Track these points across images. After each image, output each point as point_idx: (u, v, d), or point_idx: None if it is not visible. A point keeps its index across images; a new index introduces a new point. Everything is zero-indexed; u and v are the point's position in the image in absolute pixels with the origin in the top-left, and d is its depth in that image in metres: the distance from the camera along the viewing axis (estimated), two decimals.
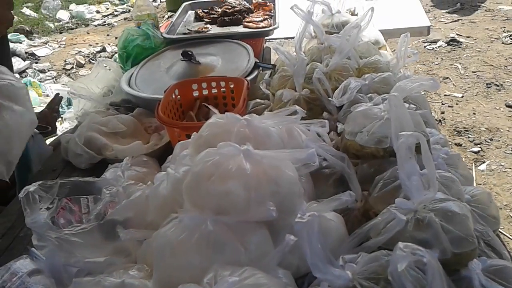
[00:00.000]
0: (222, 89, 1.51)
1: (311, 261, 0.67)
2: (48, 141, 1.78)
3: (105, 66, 1.72)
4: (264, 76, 1.72)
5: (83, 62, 5.45)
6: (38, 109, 3.98)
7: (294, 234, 0.78)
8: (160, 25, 2.17)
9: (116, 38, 5.96)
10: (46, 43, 6.07)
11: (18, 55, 5.43)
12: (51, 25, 6.65)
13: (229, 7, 2.11)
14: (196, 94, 1.50)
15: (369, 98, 1.28)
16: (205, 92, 1.51)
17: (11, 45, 4.81)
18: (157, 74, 1.70)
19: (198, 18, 2.17)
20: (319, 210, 0.89)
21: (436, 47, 4.76)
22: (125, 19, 6.72)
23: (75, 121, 1.92)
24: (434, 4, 5.86)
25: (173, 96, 1.44)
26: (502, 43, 4.71)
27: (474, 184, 1.46)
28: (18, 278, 0.93)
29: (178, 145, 1.12)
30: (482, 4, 5.67)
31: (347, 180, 1.06)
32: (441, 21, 5.33)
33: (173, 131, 1.29)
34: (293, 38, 2.08)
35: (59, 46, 6.00)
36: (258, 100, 1.53)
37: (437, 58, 4.58)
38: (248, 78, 1.61)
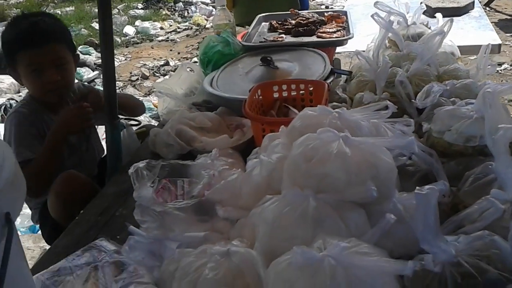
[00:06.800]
0: (301, 92, 1.57)
1: (422, 233, 0.70)
2: None
3: (188, 69, 1.82)
4: (338, 83, 1.77)
5: (148, 74, 5.70)
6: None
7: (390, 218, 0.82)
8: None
9: (178, 53, 6.21)
10: None
11: (88, 66, 5.76)
12: (118, 39, 7.00)
13: (303, 18, 2.19)
14: (276, 95, 1.58)
15: (452, 102, 1.30)
16: (285, 94, 1.58)
17: (82, 56, 5.09)
18: (237, 77, 1.79)
19: (272, 29, 2.25)
20: (410, 198, 0.92)
21: (501, 69, 4.64)
22: (187, 35, 6.98)
23: None
24: (499, 27, 5.73)
25: (256, 96, 1.52)
26: None
27: None
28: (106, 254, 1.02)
29: (266, 137, 1.18)
30: None
31: (431, 179, 1.08)
32: (506, 44, 5.20)
33: (258, 126, 1.36)
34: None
35: (125, 59, 6.30)
36: (336, 103, 1.58)
37: (501, 81, 4.46)
38: None
